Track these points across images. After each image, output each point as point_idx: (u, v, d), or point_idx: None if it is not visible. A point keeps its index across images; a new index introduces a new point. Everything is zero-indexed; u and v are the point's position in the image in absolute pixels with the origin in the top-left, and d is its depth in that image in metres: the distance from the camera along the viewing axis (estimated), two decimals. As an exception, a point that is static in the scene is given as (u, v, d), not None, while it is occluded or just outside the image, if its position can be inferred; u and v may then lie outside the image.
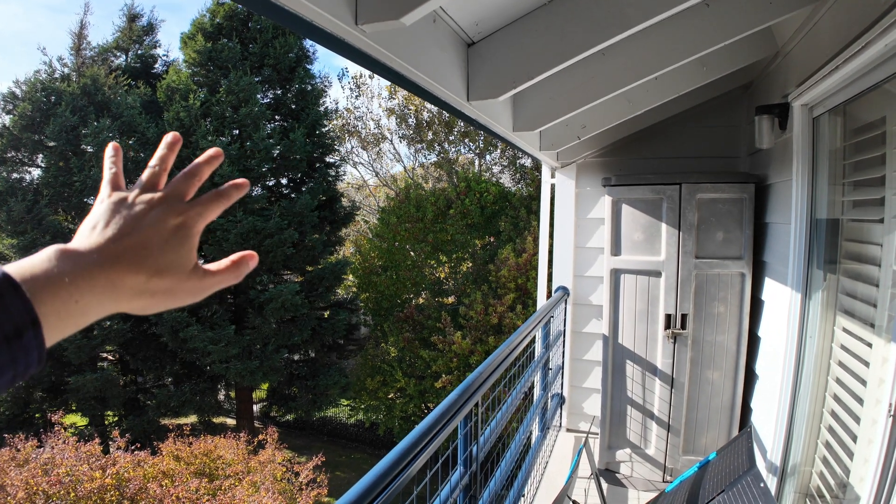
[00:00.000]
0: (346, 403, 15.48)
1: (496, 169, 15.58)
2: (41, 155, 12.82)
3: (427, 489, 1.73)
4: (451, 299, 13.75)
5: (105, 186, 0.50)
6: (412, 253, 13.78)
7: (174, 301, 0.47)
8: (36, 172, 13.19)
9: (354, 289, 15.30)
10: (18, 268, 0.39)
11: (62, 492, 5.84)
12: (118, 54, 15.23)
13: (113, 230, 0.45)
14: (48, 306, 0.38)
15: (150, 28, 15.59)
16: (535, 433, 3.90)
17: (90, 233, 0.45)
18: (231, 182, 0.52)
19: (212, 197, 0.50)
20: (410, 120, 15.49)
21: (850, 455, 2.18)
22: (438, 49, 1.77)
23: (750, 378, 3.41)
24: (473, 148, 15.41)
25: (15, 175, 12.91)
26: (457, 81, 1.94)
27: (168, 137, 0.54)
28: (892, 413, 1.72)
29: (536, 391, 4.08)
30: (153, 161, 0.52)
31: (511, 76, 1.94)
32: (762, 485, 1.76)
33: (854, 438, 2.16)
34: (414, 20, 1.27)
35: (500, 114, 2.60)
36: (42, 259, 0.40)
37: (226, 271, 0.50)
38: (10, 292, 0.37)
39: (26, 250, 11.75)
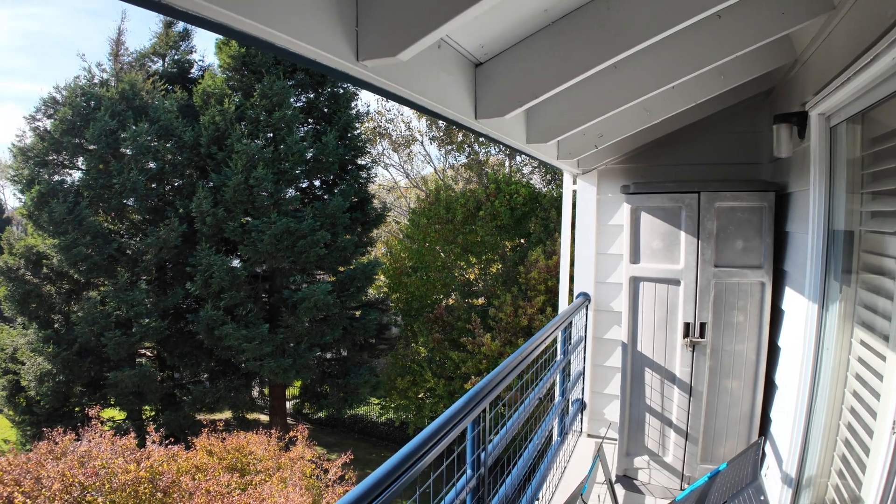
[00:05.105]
0: (376, 402, 15.71)
1: (526, 170, 15.55)
2: (81, 158, 13.24)
3: (430, 489, 1.82)
4: (480, 301, 13.78)
5: None
6: (442, 254, 13.87)
7: None
8: (77, 175, 13.61)
9: (385, 289, 15.50)
10: None
11: (97, 483, 6.05)
12: (155, 60, 15.70)
13: None
14: None
15: (186, 34, 16.01)
16: (554, 437, 3.94)
17: None
18: None
19: None
20: (440, 122, 15.59)
21: (864, 469, 2.16)
22: (444, 73, 1.85)
23: (770, 388, 3.37)
24: (503, 149, 15.41)
25: (56, 177, 13.33)
26: (464, 101, 2.01)
27: None
28: (895, 430, 1.72)
29: (556, 395, 4.12)
30: None
31: (517, 96, 2.01)
32: (762, 498, 1.78)
33: (867, 452, 2.15)
34: (412, 55, 1.36)
35: (511, 128, 2.66)
36: None
37: None
38: None
39: (67, 250, 12.25)
